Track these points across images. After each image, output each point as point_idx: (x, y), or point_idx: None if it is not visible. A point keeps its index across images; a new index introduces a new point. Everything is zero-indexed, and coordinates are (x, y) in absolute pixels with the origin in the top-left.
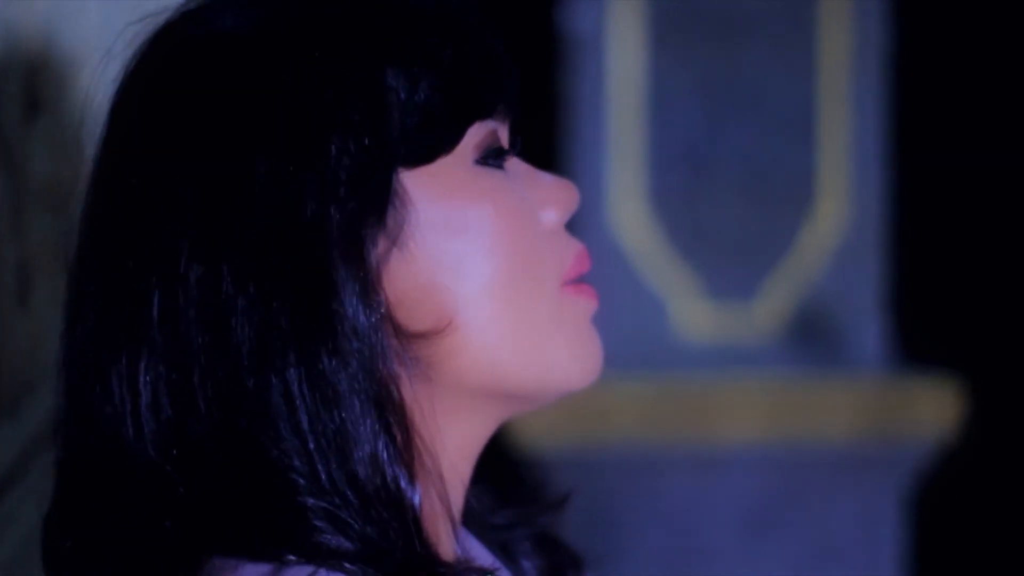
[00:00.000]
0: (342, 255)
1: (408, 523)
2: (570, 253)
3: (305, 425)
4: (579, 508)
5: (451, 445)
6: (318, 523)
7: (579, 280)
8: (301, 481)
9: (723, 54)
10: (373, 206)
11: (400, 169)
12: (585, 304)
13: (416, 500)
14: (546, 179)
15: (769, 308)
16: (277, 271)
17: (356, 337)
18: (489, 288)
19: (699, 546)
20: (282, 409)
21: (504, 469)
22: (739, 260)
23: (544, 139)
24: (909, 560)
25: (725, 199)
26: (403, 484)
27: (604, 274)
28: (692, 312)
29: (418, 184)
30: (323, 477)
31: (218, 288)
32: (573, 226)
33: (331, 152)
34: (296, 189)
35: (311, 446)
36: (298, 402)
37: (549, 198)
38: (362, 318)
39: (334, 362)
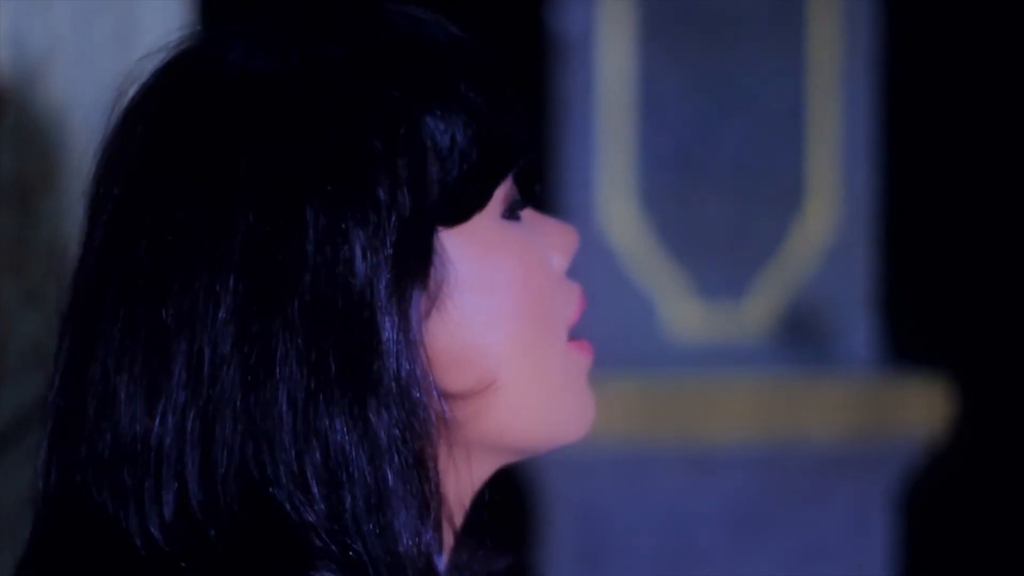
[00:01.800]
0: (390, 313)
1: None
2: (573, 298)
3: (345, 486)
4: (569, 507)
5: (457, 493)
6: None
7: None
8: (333, 548)
9: (713, 54)
10: (419, 265)
11: (439, 228)
12: (584, 360)
13: (442, 562)
14: (550, 224)
15: (759, 307)
16: (328, 328)
17: (400, 396)
18: (517, 345)
19: (689, 545)
20: (321, 471)
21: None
22: (729, 259)
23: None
24: (899, 559)
25: (715, 198)
26: (433, 545)
27: (593, 273)
28: (682, 311)
29: (454, 242)
30: (358, 546)
31: (266, 345)
32: None
33: (381, 207)
34: (349, 244)
35: (347, 505)
36: (339, 460)
37: (555, 243)
38: (406, 378)
39: (383, 420)
